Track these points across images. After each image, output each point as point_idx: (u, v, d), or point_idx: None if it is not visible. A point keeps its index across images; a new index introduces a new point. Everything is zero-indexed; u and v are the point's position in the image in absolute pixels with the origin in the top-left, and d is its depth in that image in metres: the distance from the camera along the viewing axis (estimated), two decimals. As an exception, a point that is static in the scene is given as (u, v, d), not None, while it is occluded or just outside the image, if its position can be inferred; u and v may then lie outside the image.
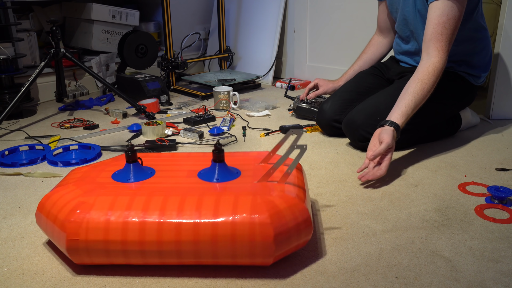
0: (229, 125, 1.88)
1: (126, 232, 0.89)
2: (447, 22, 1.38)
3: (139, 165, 1.05)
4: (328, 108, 1.72)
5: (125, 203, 0.92)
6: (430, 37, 1.40)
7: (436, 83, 1.38)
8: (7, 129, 1.94)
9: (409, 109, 1.36)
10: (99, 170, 1.09)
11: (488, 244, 1.02)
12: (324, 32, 2.55)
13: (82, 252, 0.91)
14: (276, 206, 0.90)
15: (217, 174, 1.02)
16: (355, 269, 0.94)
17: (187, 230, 0.87)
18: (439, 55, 1.38)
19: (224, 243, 0.87)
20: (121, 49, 2.41)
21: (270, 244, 0.87)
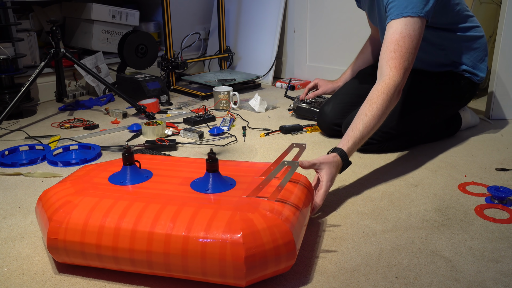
0: (229, 125, 1.88)
1: (100, 236, 0.87)
2: (401, 39, 1.31)
3: (135, 168, 1.05)
4: (329, 111, 1.72)
5: (107, 206, 0.91)
6: (382, 56, 1.32)
7: (391, 101, 1.27)
8: (7, 129, 1.94)
9: (357, 132, 1.24)
10: (101, 170, 1.09)
11: (488, 244, 1.02)
12: (324, 32, 2.55)
13: (62, 251, 0.91)
14: (253, 226, 0.83)
15: (209, 185, 0.98)
16: (355, 269, 0.94)
17: (158, 241, 0.84)
18: (391, 72, 1.28)
19: (194, 259, 0.83)
20: (121, 49, 2.41)
21: (241, 265, 0.81)
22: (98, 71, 2.48)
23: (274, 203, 0.92)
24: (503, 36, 1.82)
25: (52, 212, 0.92)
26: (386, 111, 1.27)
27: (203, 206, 0.90)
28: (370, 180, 1.36)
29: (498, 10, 2.06)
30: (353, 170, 1.44)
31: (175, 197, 0.95)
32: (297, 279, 0.91)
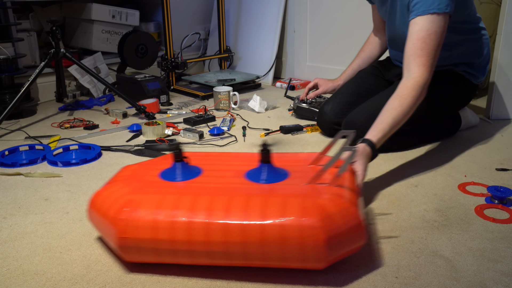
0: (229, 125, 1.88)
1: (173, 231, 0.88)
2: (427, 37, 1.33)
3: (186, 164, 1.05)
4: (329, 111, 1.72)
5: (172, 202, 0.92)
6: (410, 53, 1.35)
7: (419, 98, 1.31)
8: (7, 129, 1.94)
9: (386, 125, 1.27)
10: (147, 168, 1.10)
11: (488, 244, 1.02)
12: (324, 32, 2.55)
13: (132, 249, 0.91)
14: (326, 210, 0.87)
15: (264, 175, 1.00)
16: (355, 269, 0.94)
17: (234, 232, 0.86)
18: (420, 70, 1.32)
19: (273, 246, 0.85)
20: (121, 49, 2.41)
21: (321, 248, 0.85)
22: (97, 71, 2.47)
23: (335, 188, 0.95)
24: (503, 36, 1.82)
25: (116, 212, 0.92)
26: (414, 107, 1.32)
27: (269, 195, 0.92)
28: (371, 180, 1.36)
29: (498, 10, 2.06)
30: (353, 170, 1.44)
31: (235, 188, 0.96)
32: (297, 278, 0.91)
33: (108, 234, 0.94)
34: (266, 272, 0.94)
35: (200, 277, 0.93)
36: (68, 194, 1.32)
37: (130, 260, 0.94)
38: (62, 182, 1.41)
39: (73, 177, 1.44)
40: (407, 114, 1.30)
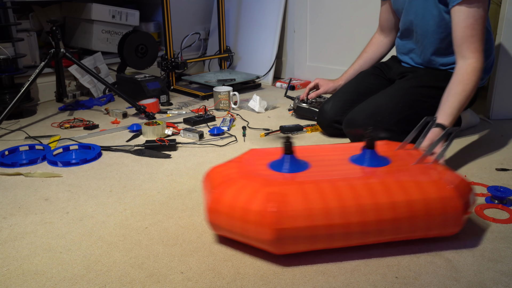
0: (229, 125, 1.88)
1: (330, 216, 0.93)
2: (475, 23, 1.40)
3: (295, 157, 1.08)
4: (329, 109, 1.72)
5: (318, 189, 0.96)
6: (461, 41, 1.42)
7: (478, 81, 1.40)
8: (7, 129, 1.94)
9: (454, 109, 1.36)
10: (253, 164, 1.10)
11: (488, 244, 1.02)
12: (324, 32, 2.55)
13: (288, 240, 0.93)
14: (453, 182, 1.00)
15: (375, 161, 1.09)
16: (355, 269, 0.94)
17: (385, 210, 0.95)
18: (475, 55, 1.40)
19: (420, 218, 0.96)
20: (121, 49, 2.41)
21: (459, 215, 0.98)
22: (97, 71, 2.47)
23: (439, 166, 1.09)
24: (503, 36, 1.82)
25: (263, 205, 0.93)
26: (474, 91, 1.40)
27: (397, 176, 1.02)
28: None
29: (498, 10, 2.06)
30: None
31: (361, 173, 1.04)
32: (297, 278, 0.91)
33: (251, 229, 0.94)
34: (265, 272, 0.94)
35: (200, 277, 0.93)
36: (68, 194, 1.32)
37: (282, 252, 0.97)
38: (62, 182, 1.41)
39: (73, 177, 1.44)
40: (469, 98, 1.40)
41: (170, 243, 1.06)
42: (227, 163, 1.12)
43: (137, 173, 1.46)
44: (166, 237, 1.08)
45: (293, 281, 0.91)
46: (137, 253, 1.02)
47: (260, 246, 0.96)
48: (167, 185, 1.37)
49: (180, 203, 1.25)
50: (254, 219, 0.93)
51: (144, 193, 1.32)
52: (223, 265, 0.97)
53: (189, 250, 1.02)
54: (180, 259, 0.99)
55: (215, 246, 1.04)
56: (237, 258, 0.99)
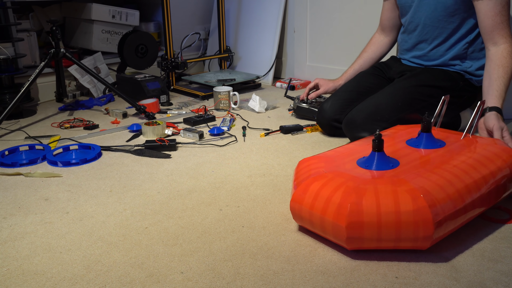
0: (229, 125, 1.88)
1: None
2: (503, 10, 1.46)
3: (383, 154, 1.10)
4: (328, 108, 1.72)
5: (435, 181, 1.00)
6: (492, 28, 1.47)
7: None
8: (7, 129, 1.94)
9: (502, 91, 1.42)
10: (344, 158, 1.14)
11: (488, 244, 1.02)
12: (324, 32, 2.55)
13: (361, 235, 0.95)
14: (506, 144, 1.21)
15: (439, 142, 1.20)
16: (355, 269, 0.94)
17: (482, 184, 1.04)
18: (507, 40, 1.46)
19: (496, 189, 1.07)
20: (121, 49, 2.41)
21: None
22: (97, 71, 2.47)
23: (489, 137, 1.26)
24: (503, 36, 1.82)
25: (343, 201, 0.96)
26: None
27: (472, 152, 1.14)
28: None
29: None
30: (353, 170, 1.44)
31: (446, 152, 1.15)
32: (298, 278, 0.91)
33: (332, 227, 0.96)
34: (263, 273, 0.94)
35: (200, 277, 0.93)
36: (68, 194, 1.32)
37: (354, 248, 0.98)
38: (62, 182, 1.41)
39: (73, 177, 1.44)
40: (510, 80, 1.45)
41: (170, 243, 1.06)
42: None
43: (137, 173, 1.46)
44: (166, 237, 1.08)
45: (293, 281, 0.91)
46: (137, 253, 1.02)
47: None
48: (167, 185, 1.37)
49: (180, 203, 1.25)
50: (335, 215, 0.95)
51: (144, 193, 1.32)
52: (223, 265, 0.97)
53: (189, 250, 1.02)
54: (180, 259, 0.99)
55: (215, 246, 1.04)
56: (237, 258, 0.99)
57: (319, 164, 1.11)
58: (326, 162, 1.11)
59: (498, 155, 1.12)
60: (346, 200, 0.94)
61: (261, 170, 1.46)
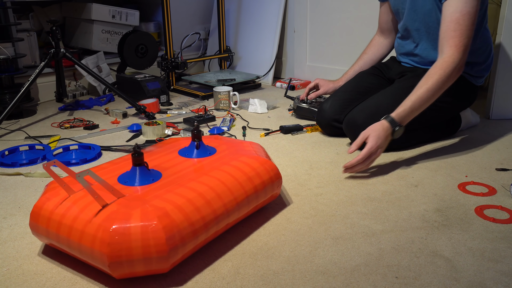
0: (229, 125, 1.88)
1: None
2: (461, 18, 1.38)
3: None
4: (328, 108, 1.72)
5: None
6: (443, 35, 1.41)
7: (448, 77, 1.38)
8: (7, 129, 1.94)
9: (409, 101, 1.38)
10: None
11: (488, 244, 1.02)
12: (324, 32, 2.55)
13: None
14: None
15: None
16: (355, 269, 0.94)
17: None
18: (451, 50, 1.38)
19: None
20: (121, 49, 2.41)
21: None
22: (99, 70, 2.48)
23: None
24: (503, 36, 1.82)
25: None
26: (442, 86, 1.38)
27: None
28: (370, 180, 1.36)
29: (498, 10, 2.06)
30: (353, 170, 1.44)
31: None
32: (298, 279, 0.91)
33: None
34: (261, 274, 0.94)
35: (200, 277, 0.93)
36: (68, 194, 1.32)
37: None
38: (62, 182, 1.41)
39: (73, 177, 1.44)
40: (434, 92, 1.38)
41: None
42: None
43: (137, 173, 1.46)
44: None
45: (293, 281, 0.91)
46: (137, 253, 1.02)
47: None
48: (167, 185, 1.37)
49: (180, 203, 1.25)
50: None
51: (144, 193, 1.32)
52: (223, 265, 0.97)
53: (189, 250, 1.02)
54: (180, 259, 0.99)
55: (215, 246, 1.04)
56: (237, 258, 0.99)
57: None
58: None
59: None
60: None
61: (261, 170, 1.46)
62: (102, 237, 0.85)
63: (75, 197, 0.95)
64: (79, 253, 0.90)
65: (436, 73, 1.38)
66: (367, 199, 1.25)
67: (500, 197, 1.24)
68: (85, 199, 0.94)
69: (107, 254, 0.84)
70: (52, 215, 0.93)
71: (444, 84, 1.38)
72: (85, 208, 0.91)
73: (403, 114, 1.38)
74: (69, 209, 0.93)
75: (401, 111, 1.38)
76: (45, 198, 0.97)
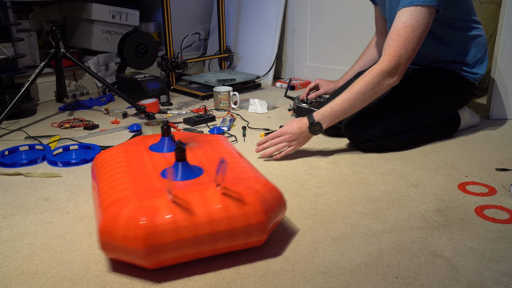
0: (229, 125, 1.88)
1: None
2: (402, 29, 1.36)
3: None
4: (328, 108, 1.72)
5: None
6: (384, 44, 1.42)
7: (374, 84, 1.38)
8: (7, 129, 1.94)
9: (331, 102, 1.43)
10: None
11: (488, 244, 1.02)
12: (324, 32, 2.55)
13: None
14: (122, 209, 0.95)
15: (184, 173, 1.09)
16: (355, 269, 0.94)
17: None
18: (383, 58, 1.38)
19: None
20: (121, 49, 2.41)
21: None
22: (106, 69, 2.51)
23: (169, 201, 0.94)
24: (503, 36, 1.82)
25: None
26: (366, 92, 1.39)
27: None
28: (370, 180, 1.36)
29: (498, 10, 2.06)
30: (353, 170, 1.44)
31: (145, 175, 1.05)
32: (298, 278, 0.91)
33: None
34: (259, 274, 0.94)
35: (200, 277, 0.93)
36: (68, 194, 1.32)
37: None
38: (62, 182, 1.41)
39: (73, 177, 1.44)
40: (356, 96, 1.40)
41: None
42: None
43: (137, 173, 1.46)
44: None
45: (293, 281, 0.91)
46: (137, 253, 1.02)
47: None
48: (167, 185, 1.37)
49: (180, 203, 1.25)
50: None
51: (144, 193, 1.32)
52: (223, 265, 0.97)
53: (189, 250, 1.02)
54: (180, 259, 0.99)
55: (215, 246, 1.04)
56: (237, 258, 0.99)
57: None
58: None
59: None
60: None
61: (261, 170, 1.46)
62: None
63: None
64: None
65: (363, 78, 1.39)
66: (367, 199, 1.25)
67: (500, 197, 1.24)
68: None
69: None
70: None
71: (368, 90, 1.38)
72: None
73: (322, 112, 1.43)
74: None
75: (321, 109, 1.44)
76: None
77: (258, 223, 0.94)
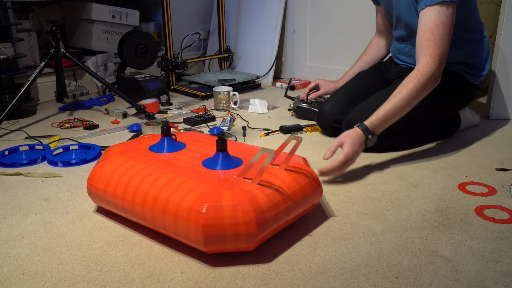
0: (229, 125, 1.88)
1: (116, 188, 1.09)
2: (434, 27, 1.37)
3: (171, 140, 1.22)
4: (328, 109, 1.72)
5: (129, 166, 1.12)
6: (418, 45, 1.40)
7: (423, 86, 1.37)
8: (7, 129, 1.94)
9: (382, 110, 1.37)
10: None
11: (488, 244, 1.02)
12: (324, 32, 2.55)
13: (93, 195, 1.16)
14: (219, 200, 0.95)
15: (219, 164, 1.12)
16: (355, 269, 0.94)
17: (149, 200, 1.02)
18: (426, 59, 1.37)
19: (170, 218, 0.98)
20: (121, 49, 2.41)
21: (199, 231, 0.93)
22: (105, 69, 2.50)
23: (254, 185, 1.01)
24: (503, 36, 1.82)
25: (96, 164, 1.19)
26: (417, 95, 1.38)
27: (192, 178, 1.03)
28: (370, 180, 1.36)
29: (498, 10, 2.06)
30: (353, 170, 1.44)
31: (185, 168, 1.10)
32: (298, 278, 0.91)
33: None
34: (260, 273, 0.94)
35: (200, 277, 0.93)
36: (68, 194, 1.32)
37: (95, 203, 1.17)
38: (62, 182, 1.41)
39: (73, 177, 1.44)
40: (407, 101, 1.37)
41: (170, 243, 1.06)
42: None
43: (137, 173, 1.46)
44: (166, 237, 1.08)
45: (293, 281, 0.91)
46: (137, 253, 1.02)
47: None
48: (167, 185, 1.37)
49: (180, 203, 1.25)
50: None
51: (144, 193, 1.32)
52: (223, 265, 0.97)
53: (189, 250, 1.02)
54: (180, 259, 0.99)
55: (215, 246, 1.04)
56: (237, 258, 0.99)
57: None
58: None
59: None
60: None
61: (261, 170, 1.46)
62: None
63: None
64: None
65: (411, 82, 1.37)
66: (367, 199, 1.25)
67: (500, 197, 1.24)
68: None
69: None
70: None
71: (418, 93, 1.37)
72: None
73: (377, 122, 1.37)
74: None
75: (375, 119, 1.37)
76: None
77: (318, 188, 1.11)
